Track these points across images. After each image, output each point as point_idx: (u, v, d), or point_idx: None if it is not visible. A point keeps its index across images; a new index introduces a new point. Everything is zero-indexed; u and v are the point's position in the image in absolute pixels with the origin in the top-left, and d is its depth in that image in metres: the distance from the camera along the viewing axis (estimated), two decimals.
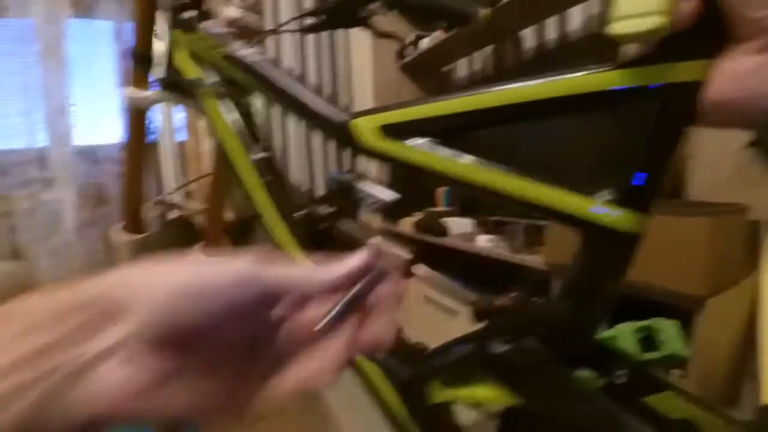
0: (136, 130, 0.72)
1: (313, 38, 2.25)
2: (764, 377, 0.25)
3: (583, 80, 0.32)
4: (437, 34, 1.66)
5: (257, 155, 0.54)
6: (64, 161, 2.00)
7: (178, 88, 0.63)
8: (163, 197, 0.84)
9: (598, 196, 0.33)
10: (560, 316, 0.38)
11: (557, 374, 0.35)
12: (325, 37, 2.26)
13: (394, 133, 0.41)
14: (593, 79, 0.32)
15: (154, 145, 1.61)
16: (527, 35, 1.64)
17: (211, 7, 0.62)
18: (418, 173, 0.40)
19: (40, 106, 1.98)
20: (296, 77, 0.50)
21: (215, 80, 0.57)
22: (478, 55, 1.90)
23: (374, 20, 0.59)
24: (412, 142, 0.40)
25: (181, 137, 2.07)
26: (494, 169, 0.37)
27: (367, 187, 0.45)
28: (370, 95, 1.93)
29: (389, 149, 0.40)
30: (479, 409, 0.46)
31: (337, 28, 0.59)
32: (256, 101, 0.60)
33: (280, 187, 0.52)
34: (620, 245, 0.33)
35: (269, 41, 2.10)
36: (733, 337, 0.89)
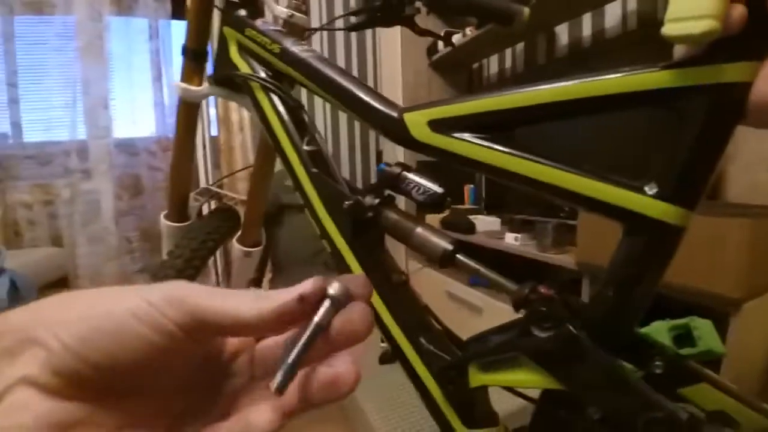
0: (186, 122, 0.76)
1: (342, 35, 2.28)
2: None
3: (634, 79, 0.33)
4: (468, 30, 1.67)
5: (305, 147, 0.57)
6: (103, 153, 2.09)
7: (228, 82, 0.67)
8: (208, 187, 0.88)
9: (645, 189, 0.34)
10: (601, 307, 0.39)
11: (599, 360, 0.36)
12: (353, 34, 2.30)
13: (442, 127, 0.43)
14: (644, 77, 0.33)
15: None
16: (560, 32, 1.63)
17: (261, 5, 0.65)
18: (466, 165, 0.42)
19: (81, 99, 2.07)
20: (348, 73, 0.53)
21: (266, 75, 0.60)
22: (509, 51, 1.90)
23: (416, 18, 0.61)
24: (460, 135, 0.42)
25: (213, 132, 2.14)
26: (541, 160, 0.38)
27: (414, 177, 0.47)
28: (399, 91, 1.95)
29: (439, 142, 0.42)
30: (517, 393, 0.48)
31: (380, 26, 0.61)
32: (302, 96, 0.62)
33: (327, 178, 0.55)
34: (665, 238, 0.35)
35: None
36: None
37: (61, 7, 2.01)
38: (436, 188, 0.46)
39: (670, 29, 0.30)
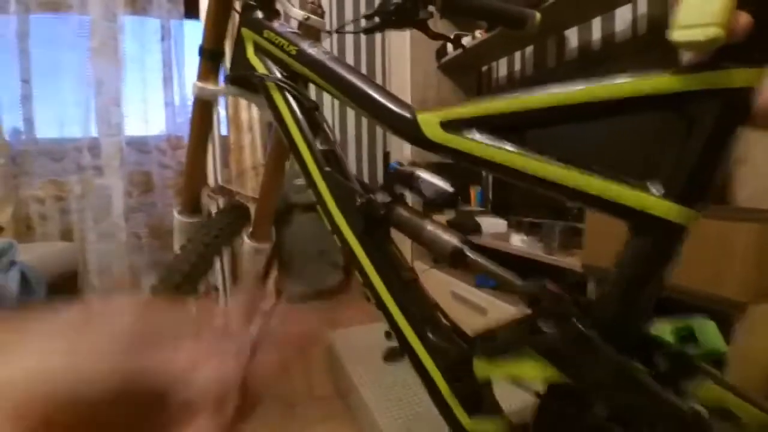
0: (202, 119, 0.78)
1: (351, 37, 2.30)
2: None
3: (644, 83, 0.34)
4: (478, 33, 1.68)
5: (319, 147, 0.58)
6: (114, 150, 2.12)
7: (244, 82, 0.68)
8: (222, 185, 0.90)
9: (652, 189, 0.36)
10: (610, 305, 0.40)
11: (608, 357, 0.37)
12: (363, 36, 2.32)
13: (454, 127, 0.44)
14: (654, 82, 0.34)
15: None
16: (570, 35, 1.64)
17: (278, 7, 0.67)
18: (477, 165, 0.43)
19: (94, 97, 2.10)
20: (363, 74, 0.54)
21: (282, 75, 0.61)
22: (518, 54, 1.91)
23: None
24: (471, 135, 0.43)
25: (222, 132, 2.17)
26: (550, 161, 0.39)
27: (426, 176, 0.48)
28: (408, 93, 1.97)
29: (452, 142, 0.44)
30: (522, 386, 0.49)
31: (394, 29, 0.63)
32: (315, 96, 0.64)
33: (339, 177, 0.56)
34: (671, 238, 0.36)
35: None
36: None
37: (77, 6, 2.04)
38: (447, 188, 0.47)
39: (677, 35, 0.31)
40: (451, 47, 1.86)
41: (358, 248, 0.55)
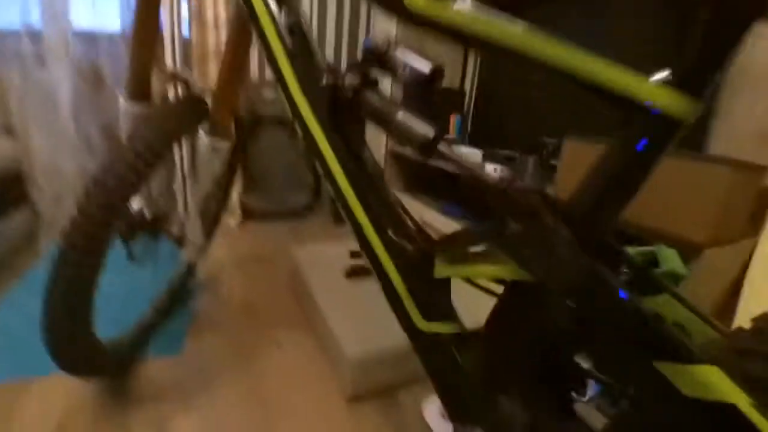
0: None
1: None
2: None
3: None
4: None
5: (283, 19, 0.50)
6: (59, 40, 1.88)
7: None
8: (174, 70, 0.80)
9: (653, 76, 0.32)
10: (579, 205, 0.38)
11: (574, 254, 0.35)
12: None
13: None
14: None
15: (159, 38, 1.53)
16: None
17: None
18: (462, 40, 0.37)
19: None
20: None
21: None
22: None
23: None
24: (460, 4, 0.37)
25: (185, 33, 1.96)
26: (547, 38, 0.34)
27: (403, 55, 0.42)
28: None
29: (440, 13, 0.37)
30: (480, 288, 0.47)
31: None
32: None
33: (305, 57, 0.50)
34: (667, 128, 0.32)
35: None
36: (721, 290, 0.90)
37: None
38: (423, 68, 0.42)
39: None
40: None
41: (320, 137, 0.49)
